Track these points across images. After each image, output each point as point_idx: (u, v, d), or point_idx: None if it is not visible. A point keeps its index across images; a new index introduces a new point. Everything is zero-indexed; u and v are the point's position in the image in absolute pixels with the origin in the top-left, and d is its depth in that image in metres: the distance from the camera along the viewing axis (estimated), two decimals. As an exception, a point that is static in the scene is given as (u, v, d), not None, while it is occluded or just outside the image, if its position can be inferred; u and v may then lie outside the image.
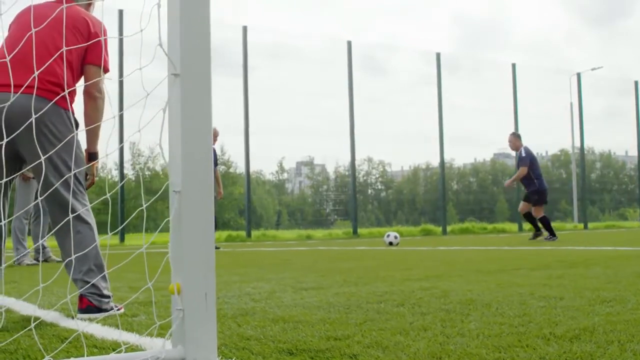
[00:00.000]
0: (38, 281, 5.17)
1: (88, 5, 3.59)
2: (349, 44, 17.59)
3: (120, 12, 15.49)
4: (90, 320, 3.01)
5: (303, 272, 5.52)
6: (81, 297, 3.16)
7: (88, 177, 3.41)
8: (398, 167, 39.96)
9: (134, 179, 25.45)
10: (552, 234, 11.07)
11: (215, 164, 10.79)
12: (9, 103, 2.81)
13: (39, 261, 7.41)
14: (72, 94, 3.26)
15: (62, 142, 3.08)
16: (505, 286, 3.96)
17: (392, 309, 3.13)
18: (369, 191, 34.98)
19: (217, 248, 10.09)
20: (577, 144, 27.74)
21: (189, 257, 1.97)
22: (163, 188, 2.05)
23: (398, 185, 38.64)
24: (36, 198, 7.26)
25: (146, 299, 3.78)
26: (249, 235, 16.20)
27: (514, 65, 20.50)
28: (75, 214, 3.13)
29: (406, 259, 7.19)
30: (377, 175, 36.67)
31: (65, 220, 3.05)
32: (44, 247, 7.50)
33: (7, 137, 2.85)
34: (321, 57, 26.92)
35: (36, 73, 2.99)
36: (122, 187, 15.30)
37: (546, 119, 29.30)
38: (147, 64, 2.02)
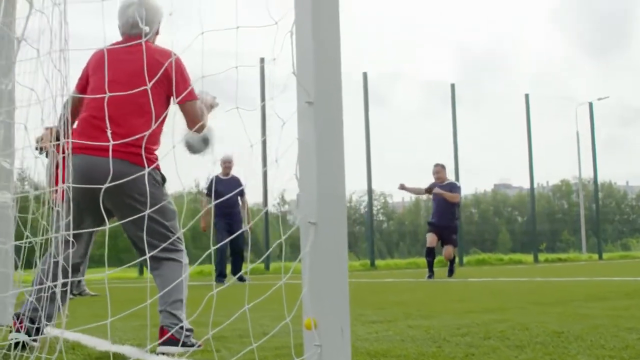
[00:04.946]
0: (89, 314, 5.07)
1: (155, 34, 3.57)
2: (365, 75, 17.54)
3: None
4: (173, 355, 2.93)
5: (355, 305, 5.41)
6: (162, 328, 3.08)
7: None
8: (399, 198, 39.95)
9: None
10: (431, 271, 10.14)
11: (243, 194, 10.45)
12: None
13: (74, 295, 7.31)
14: (157, 145, 3.25)
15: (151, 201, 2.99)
16: (578, 318, 3.87)
17: (481, 342, 3.05)
18: (370, 222, 34.86)
19: (243, 280, 9.86)
20: (583, 174, 27.85)
21: (325, 291, 1.91)
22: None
23: (399, 216, 38.51)
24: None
25: (216, 333, 3.70)
26: (267, 267, 15.96)
27: (527, 96, 20.45)
28: (171, 259, 3.19)
29: (450, 291, 7.09)
30: (379, 207, 36.56)
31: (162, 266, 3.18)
32: (79, 281, 7.40)
33: (92, 200, 2.84)
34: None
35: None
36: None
37: (548, 150, 29.23)
38: (280, 92, 1.98)
